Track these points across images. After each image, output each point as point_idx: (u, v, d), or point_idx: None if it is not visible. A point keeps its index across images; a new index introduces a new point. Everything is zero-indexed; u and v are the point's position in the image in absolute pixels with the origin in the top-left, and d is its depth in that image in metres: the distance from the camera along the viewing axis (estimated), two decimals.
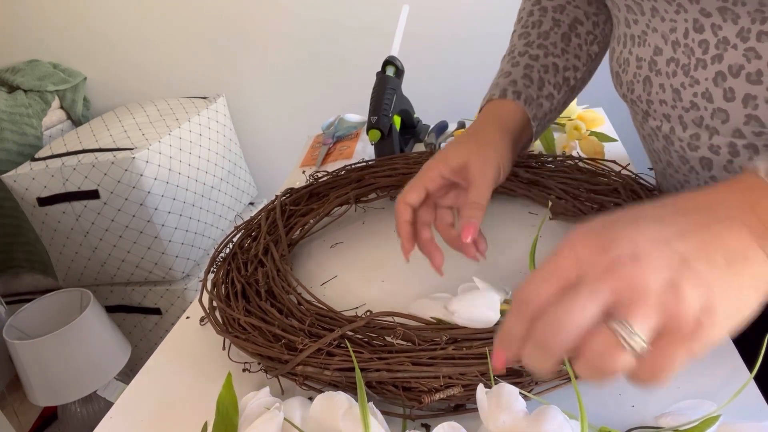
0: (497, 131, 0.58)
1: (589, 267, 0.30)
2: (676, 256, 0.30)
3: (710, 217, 0.32)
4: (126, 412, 0.52)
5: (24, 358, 1.28)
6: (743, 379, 0.44)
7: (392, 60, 0.89)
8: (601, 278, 0.30)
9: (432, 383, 0.43)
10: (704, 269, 0.30)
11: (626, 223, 0.32)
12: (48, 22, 1.77)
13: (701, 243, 0.31)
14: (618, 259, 0.30)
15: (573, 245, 0.32)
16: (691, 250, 0.30)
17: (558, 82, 0.63)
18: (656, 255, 0.30)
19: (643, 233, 0.31)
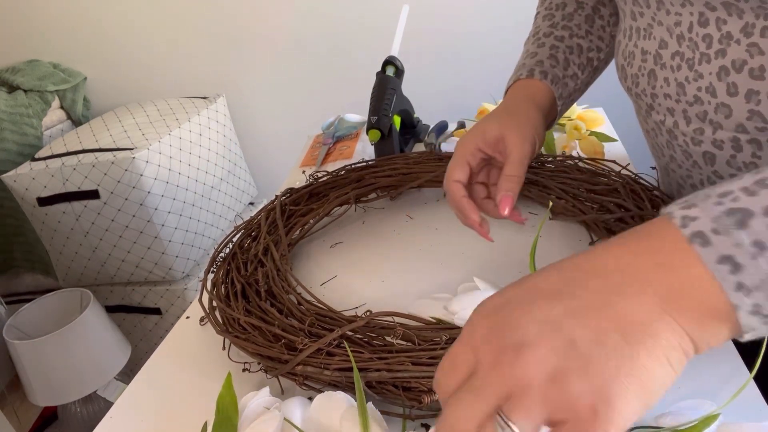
0: (530, 106, 0.59)
1: (481, 358, 0.29)
2: (563, 341, 0.27)
3: (611, 286, 0.28)
4: (126, 412, 0.52)
5: (24, 358, 1.28)
6: (743, 380, 0.44)
7: (392, 60, 0.89)
8: (488, 375, 0.28)
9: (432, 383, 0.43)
10: (596, 354, 0.27)
11: (520, 303, 0.29)
12: (48, 22, 1.77)
13: (597, 321, 0.28)
14: (503, 351, 0.28)
15: (471, 331, 0.30)
16: (582, 333, 0.27)
17: (582, 63, 0.64)
18: (542, 343, 0.27)
19: (534, 315, 0.28)
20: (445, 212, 0.74)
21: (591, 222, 0.63)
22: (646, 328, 0.27)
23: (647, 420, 0.42)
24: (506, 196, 0.53)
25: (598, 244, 0.31)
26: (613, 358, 0.27)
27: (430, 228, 0.71)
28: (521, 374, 0.27)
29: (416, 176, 0.76)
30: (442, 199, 0.77)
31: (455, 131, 0.97)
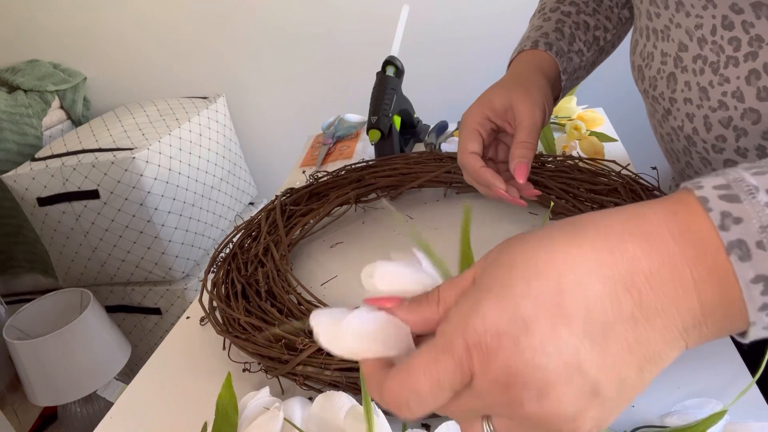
0: (538, 74, 0.58)
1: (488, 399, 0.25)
2: (588, 387, 0.24)
3: (642, 312, 0.25)
4: (126, 412, 0.52)
5: (24, 358, 1.28)
6: (744, 381, 0.44)
7: (392, 60, 0.89)
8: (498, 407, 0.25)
9: None
10: (614, 394, 0.25)
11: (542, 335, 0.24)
12: (48, 22, 1.77)
13: (619, 357, 0.24)
14: (521, 398, 0.24)
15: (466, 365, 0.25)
16: (605, 375, 0.24)
17: (588, 40, 0.63)
18: (567, 391, 0.24)
19: (558, 354, 0.24)
20: (445, 212, 0.74)
21: None
22: (662, 355, 0.26)
23: (653, 419, 0.42)
24: (521, 163, 0.52)
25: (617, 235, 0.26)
26: (626, 394, 0.25)
27: (430, 228, 0.71)
28: (546, 420, 0.25)
29: (416, 176, 0.76)
30: (442, 199, 0.77)
31: (455, 131, 0.97)
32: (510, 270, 0.26)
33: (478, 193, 0.77)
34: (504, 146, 0.58)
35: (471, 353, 0.24)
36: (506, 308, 0.24)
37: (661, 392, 0.44)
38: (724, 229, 0.24)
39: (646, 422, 0.41)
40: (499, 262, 0.26)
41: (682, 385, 0.44)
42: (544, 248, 0.26)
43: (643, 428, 0.40)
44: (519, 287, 0.25)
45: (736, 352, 0.47)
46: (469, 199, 0.76)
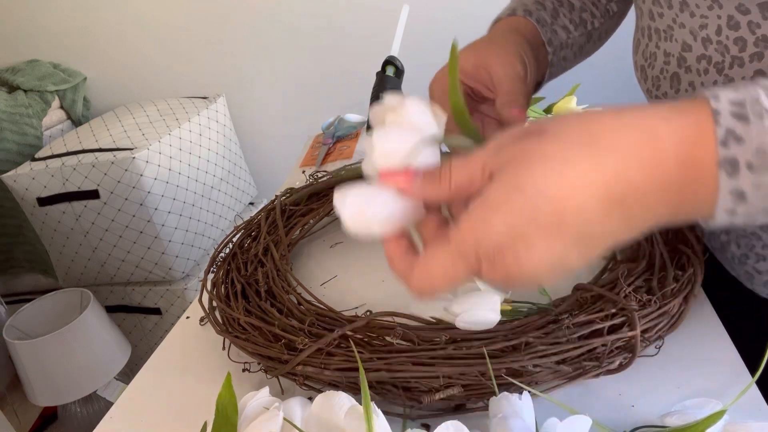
0: (511, 32, 0.53)
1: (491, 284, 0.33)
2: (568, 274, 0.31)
3: (627, 224, 0.30)
4: (126, 412, 0.52)
5: (24, 358, 1.28)
6: (744, 381, 0.44)
7: (392, 60, 0.89)
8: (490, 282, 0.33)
9: (432, 383, 0.43)
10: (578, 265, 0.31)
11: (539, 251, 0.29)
12: (48, 22, 1.77)
13: (596, 252, 0.31)
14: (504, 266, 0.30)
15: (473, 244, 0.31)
16: (582, 264, 0.31)
17: (574, 20, 0.59)
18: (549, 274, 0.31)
19: (549, 264, 0.30)
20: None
21: None
22: (629, 237, 0.31)
23: (653, 419, 0.42)
24: (514, 110, 0.47)
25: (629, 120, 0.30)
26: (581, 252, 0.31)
27: None
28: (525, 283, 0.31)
29: None
30: None
31: None
32: (520, 190, 0.29)
33: None
34: (490, 120, 0.52)
35: (481, 261, 0.31)
36: (513, 227, 0.29)
37: (661, 392, 0.44)
38: (725, 146, 0.27)
39: (646, 422, 0.41)
40: (512, 174, 0.30)
41: (682, 385, 0.44)
42: (557, 170, 0.29)
43: (643, 428, 0.40)
44: (526, 209, 0.29)
45: (736, 352, 0.47)
46: None
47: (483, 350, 0.43)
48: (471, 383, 0.42)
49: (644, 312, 0.44)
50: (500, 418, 0.38)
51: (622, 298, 0.45)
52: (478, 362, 0.42)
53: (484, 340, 0.44)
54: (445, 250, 0.32)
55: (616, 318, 0.44)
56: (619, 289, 0.46)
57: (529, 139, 0.30)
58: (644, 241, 0.54)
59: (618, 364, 0.45)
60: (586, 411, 0.37)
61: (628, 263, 0.51)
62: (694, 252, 0.51)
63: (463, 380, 0.42)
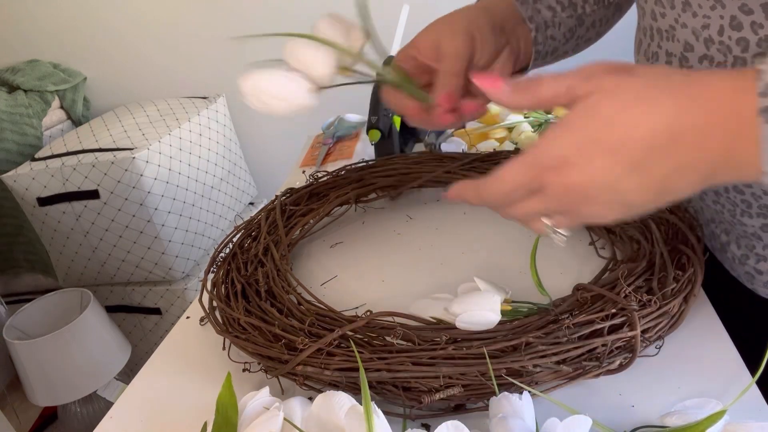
0: (472, 9, 0.55)
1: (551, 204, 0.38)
2: (619, 200, 0.36)
3: (679, 164, 0.34)
4: (126, 412, 0.52)
5: (24, 358, 1.28)
6: (744, 381, 0.44)
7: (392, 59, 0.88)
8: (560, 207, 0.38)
9: (432, 383, 0.43)
10: (637, 207, 0.36)
11: (597, 169, 0.35)
12: (48, 22, 1.77)
13: (650, 189, 0.35)
14: (574, 205, 0.37)
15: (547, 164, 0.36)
16: (636, 196, 0.35)
17: (562, 1, 0.59)
18: (605, 200, 0.36)
19: (604, 181, 0.35)
20: (445, 212, 0.74)
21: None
22: (687, 190, 0.35)
23: (653, 419, 0.42)
24: (444, 93, 0.50)
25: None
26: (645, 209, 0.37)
27: (430, 228, 0.71)
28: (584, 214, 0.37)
29: (416, 176, 0.76)
30: (442, 198, 0.77)
31: (455, 131, 0.97)
32: (588, 121, 0.35)
33: None
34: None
35: (546, 171, 0.36)
36: (579, 143, 0.35)
37: (661, 392, 0.44)
38: (763, 95, 0.31)
39: (646, 422, 0.41)
40: (593, 102, 0.35)
41: (682, 385, 0.44)
42: (633, 105, 0.34)
43: (643, 428, 0.40)
44: (595, 131, 0.35)
45: (736, 352, 0.47)
46: None
47: (483, 350, 0.43)
48: (471, 383, 0.42)
49: (644, 312, 0.44)
50: (500, 418, 0.38)
51: (622, 298, 0.45)
52: (478, 362, 0.42)
53: (484, 340, 0.44)
54: (516, 160, 0.37)
55: (616, 318, 0.44)
56: (620, 289, 0.46)
57: (618, 75, 0.35)
58: (644, 241, 0.54)
59: (618, 364, 0.45)
60: (586, 411, 0.37)
61: (628, 263, 0.51)
62: (694, 252, 0.51)
63: (463, 380, 0.42)
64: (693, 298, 0.48)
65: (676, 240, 0.53)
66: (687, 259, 0.50)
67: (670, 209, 0.57)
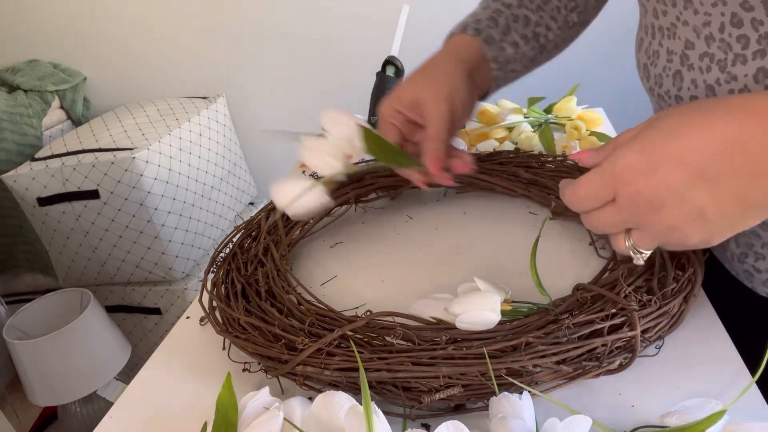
0: (450, 62, 0.60)
1: (624, 212, 0.39)
2: (694, 210, 0.36)
3: (748, 172, 0.35)
4: (126, 412, 0.52)
5: (24, 358, 1.28)
6: (744, 381, 0.44)
7: (392, 60, 0.89)
8: (632, 218, 0.39)
9: (432, 383, 0.43)
10: (717, 221, 0.36)
11: (664, 176, 0.36)
12: (48, 22, 1.77)
13: (725, 197, 0.36)
14: (645, 213, 0.38)
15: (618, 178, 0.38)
16: (711, 205, 0.36)
17: (526, 35, 0.63)
18: (675, 211, 0.37)
19: (672, 188, 0.36)
20: (445, 212, 0.74)
21: None
22: (762, 209, 0.36)
23: (653, 419, 0.42)
24: (432, 156, 0.55)
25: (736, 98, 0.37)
26: (729, 223, 0.37)
27: (430, 228, 0.71)
28: (657, 224, 0.38)
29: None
30: (443, 198, 0.77)
31: None
32: (654, 134, 0.37)
33: (479, 194, 0.77)
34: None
35: (616, 180, 0.38)
36: (645, 155, 0.37)
37: (661, 392, 0.44)
38: None
39: (646, 422, 0.41)
40: (654, 125, 0.38)
41: (682, 385, 0.44)
42: (684, 123, 0.37)
43: (643, 428, 0.40)
44: (655, 142, 0.37)
45: (736, 352, 0.47)
46: (469, 199, 0.76)
47: (483, 350, 0.43)
48: (471, 383, 0.42)
49: (644, 312, 0.45)
50: (500, 418, 0.38)
51: (622, 298, 0.45)
52: (478, 362, 0.42)
53: (484, 340, 0.44)
54: (593, 170, 0.40)
55: (616, 318, 0.44)
56: (620, 289, 0.46)
57: (669, 113, 0.38)
58: None
59: (618, 364, 0.45)
60: (586, 411, 0.37)
61: (628, 263, 0.51)
62: (694, 252, 0.51)
63: (463, 380, 0.42)
64: (693, 298, 0.48)
65: None
66: (687, 259, 0.50)
67: None
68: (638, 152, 0.37)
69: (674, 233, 0.38)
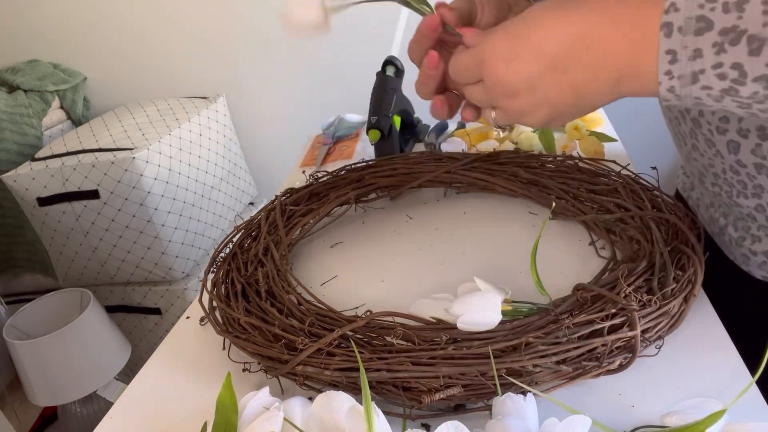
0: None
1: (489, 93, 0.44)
2: (541, 97, 0.41)
3: (589, 66, 0.39)
4: (126, 412, 0.52)
5: (24, 358, 1.28)
6: (744, 381, 0.44)
7: (392, 60, 0.88)
8: (494, 95, 0.43)
9: (432, 383, 0.43)
10: (557, 108, 0.41)
11: (520, 64, 0.40)
12: (48, 22, 1.77)
13: (568, 87, 0.40)
14: (503, 95, 0.43)
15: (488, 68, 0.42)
16: (555, 93, 0.41)
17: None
18: (527, 97, 0.42)
19: (527, 76, 0.40)
20: (445, 212, 0.74)
21: (591, 222, 0.63)
22: (601, 97, 0.40)
23: (653, 419, 0.42)
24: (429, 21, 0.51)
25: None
26: (569, 114, 0.42)
27: (430, 228, 0.71)
28: (511, 108, 0.43)
29: (416, 176, 0.76)
30: (443, 198, 0.77)
31: (455, 131, 0.97)
32: (520, 24, 0.41)
33: (479, 194, 0.77)
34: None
35: (483, 63, 0.42)
36: (508, 42, 0.41)
37: (661, 392, 0.44)
38: (666, 13, 0.34)
39: (646, 422, 0.41)
40: (521, 15, 0.41)
41: (682, 385, 0.44)
42: (546, 16, 0.40)
43: (643, 428, 0.40)
44: (519, 35, 0.41)
45: (736, 352, 0.47)
46: (469, 199, 0.76)
47: (483, 350, 0.43)
48: (471, 383, 0.42)
49: (644, 312, 0.45)
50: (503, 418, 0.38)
51: (622, 298, 0.45)
52: (478, 362, 0.42)
53: (484, 340, 0.44)
54: (468, 51, 0.44)
55: (616, 318, 0.44)
56: (620, 289, 0.46)
57: (516, 17, 0.42)
58: (644, 241, 0.54)
59: (618, 364, 0.45)
60: (586, 411, 0.37)
61: (628, 263, 0.51)
62: (694, 252, 0.51)
63: (463, 380, 0.42)
64: (693, 298, 0.48)
65: (676, 240, 0.53)
66: (687, 259, 0.50)
67: (669, 209, 0.58)
68: (503, 39, 0.41)
69: (525, 117, 0.43)
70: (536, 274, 0.49)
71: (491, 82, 0.42)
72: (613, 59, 0.37)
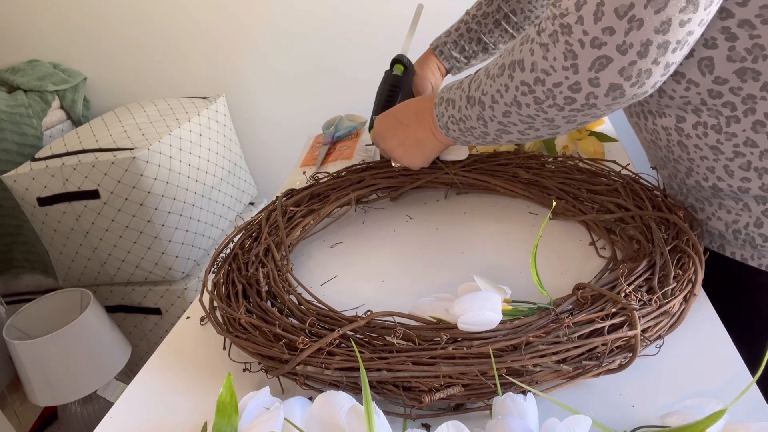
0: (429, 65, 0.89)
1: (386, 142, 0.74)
2: (402, 147, 0.72)
3: (417, 126, 0.69)
4: (126, 412, 0.52)
5: (24, 358, 1.28)
6: (744, 381, 0.44)
7: (400, 58, 0.88)
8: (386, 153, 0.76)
9: (432, 383, 0.43)
10: (406, 148, 0.72)
11: (394, 128, 0.72)
12: (48, 22, 1.77)
13: (411, 137, 0.70)
14: (390, 149, 0.74)
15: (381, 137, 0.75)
16: (406, 139, 0.71)
17: (484, 58, 0.89)
18: (396, 146, 0.72)
19: (394, 140, 0.72)
20: (445, 212, 0.74)
21: (591, 222, 0.63)
22: (426, 139, 0.69)
23: (653, 419, 0.42)
24: None
25: (418, 101, 0.72)
26: (415, 148, 0.72)
27: (430, 228, 0.71)
28: (394, 156, 0.74)
29: (416, 177, 0.76)
30: (442, 199, 0.77)
31: None
32: (392, 112, 0.74)
33: (479, 194, 0.77)
34: None
35: (377, 138, 0.75)
36: (383, 126, 0.74)
37: (661, 392, 0.44)
38: (437, 98, 0.65)
39: (646, 422, 0.41)
40: (396, 106, 0.76)
41: (682, 385, 0.44)
42: (403, 106, 0.73)
43: (643, 428, 0.40)
44: (389, 118, 0.73)
45: (736, 352, 0.47)
46: (470, 199, 0.76)
47: (483, 350, 0.43)
48: (471, 383, 0.43)
49: (644, 311, 0.45)
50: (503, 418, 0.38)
51: (622, 297, 0.45)
52: (478, 362, 0.42)
53: (485, 340, 0.44)
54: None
55: (616, 317, 0.44)
56: (620, 288, 0.46)
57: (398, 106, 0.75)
58: (644, 241, 0.54)
59: (618, 364, 0.45)
60: (586, 411, 0.38)
61: (628, 263, 0.51)
62: (695, 252, 0.51)
63: (463, 380, 0.43)
64: (693, 297, 0.48)
65: (676, 240, 0.53)
66: (687, 259, 0.50)
67: (669, 209, 0.58)
68: (379, 124, 0.74)
69: (403, 161, 0.72)
70: (536, 273, 0.49)
71: (381, 149, 0.75)
72: (421, 124, 0.69)
